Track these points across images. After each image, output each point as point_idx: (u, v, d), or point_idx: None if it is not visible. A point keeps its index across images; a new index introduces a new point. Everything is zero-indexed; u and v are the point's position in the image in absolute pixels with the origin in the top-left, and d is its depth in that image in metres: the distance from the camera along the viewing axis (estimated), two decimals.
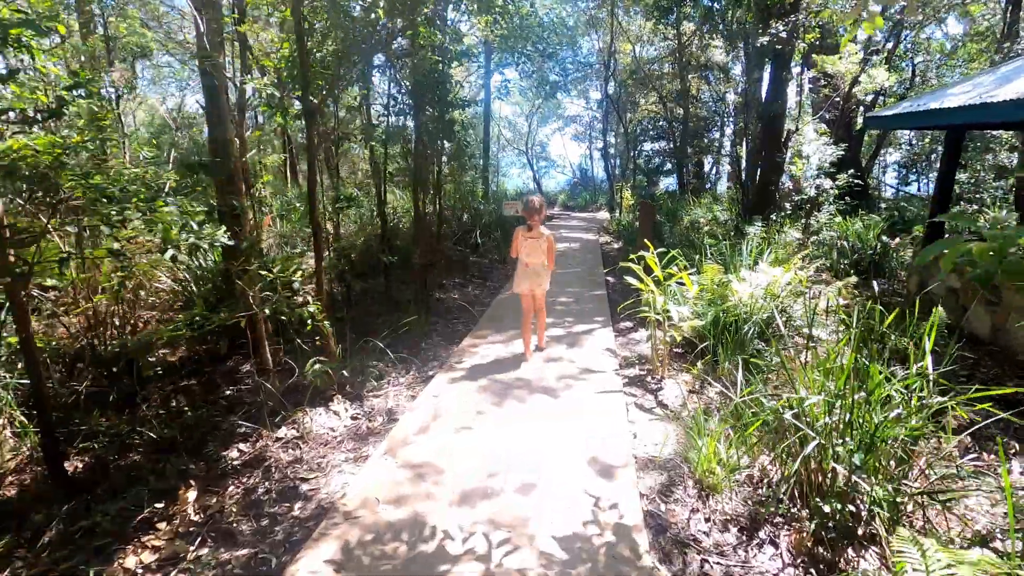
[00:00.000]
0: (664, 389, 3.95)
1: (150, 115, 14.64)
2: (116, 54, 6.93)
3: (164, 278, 4.67)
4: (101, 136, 2.66)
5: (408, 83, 5.47)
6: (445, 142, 6.77)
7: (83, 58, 6.52)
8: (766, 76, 9.94)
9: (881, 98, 12.74)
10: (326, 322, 3.00)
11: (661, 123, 18.82)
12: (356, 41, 3.86)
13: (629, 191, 17.91)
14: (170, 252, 2.04)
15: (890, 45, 12.44)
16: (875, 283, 3.06)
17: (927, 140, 15.83)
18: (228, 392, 3.66)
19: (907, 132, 16.09)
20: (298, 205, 8.77)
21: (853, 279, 4.36)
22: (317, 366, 2.99)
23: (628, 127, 19.42)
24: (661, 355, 4.23)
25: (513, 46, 10.31)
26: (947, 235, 7.34)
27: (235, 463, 2.84)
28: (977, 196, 11.39)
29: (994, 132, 11.87)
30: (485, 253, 9.60)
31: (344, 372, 3.51)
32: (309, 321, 2.93)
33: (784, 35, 7.30)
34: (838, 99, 9.06)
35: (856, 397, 2.30)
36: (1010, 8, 10.72)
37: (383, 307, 5.62)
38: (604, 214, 19.60)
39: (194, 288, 4.24)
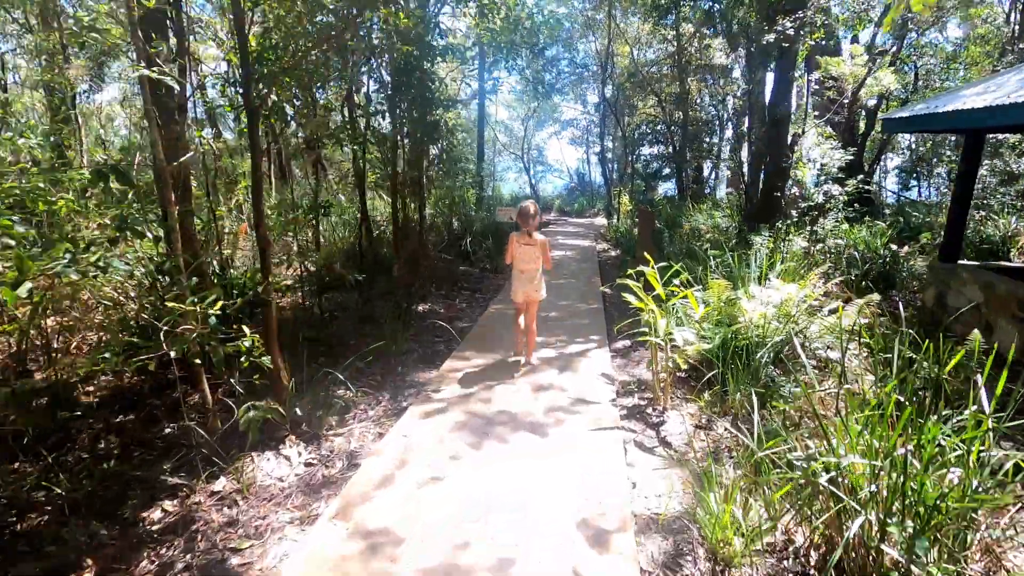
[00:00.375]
0: (667, 423, 3.49)
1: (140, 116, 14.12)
2: (76, 51, 6.46)
3: (113, 293, 4.20)
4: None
5: (387, 79, 5.03)
6: (430, 145, 6.34)
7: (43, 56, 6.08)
8: (769, 78, 9.56)
9: (884, 102, 12.40)
10: (264, 357, 2.53)
11: (660, 127, 18.44)
12: (319, 30, 3.43)
13: (627, 196, 17.50)
14: (26, 286, 1.59)
15: (894, 48, 12.10)
16: (900, 303, 2.61)
17: (928, 144, 15.46)
18: (168, 430, 3.19)
19: (908, 136, 15.71)
20: (271, 214, 8.27)
21: (876, 296, 3.92)
22: (252, 412, 2.51)
23: (626, 131, 19.04)
24: (663, 382, 3.78)
25: (502, 40, 9.84)
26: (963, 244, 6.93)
27: (154, 528, 2.37)
28: (984, 202, 11.03)
29: (1000, 136, 11.51)
30: (476, 262, 9.15)
31: (297, 410, 3.04)
32: (244, 358, 2.46)
33: (791, 32, 6.88)
34: (845, 101, 8.67)
35: (906, 451, 1.86)
36: (1020, 8, 10.38)
37: (359, 324, 5.15)
38: (601, 220, 19.18)
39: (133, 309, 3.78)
